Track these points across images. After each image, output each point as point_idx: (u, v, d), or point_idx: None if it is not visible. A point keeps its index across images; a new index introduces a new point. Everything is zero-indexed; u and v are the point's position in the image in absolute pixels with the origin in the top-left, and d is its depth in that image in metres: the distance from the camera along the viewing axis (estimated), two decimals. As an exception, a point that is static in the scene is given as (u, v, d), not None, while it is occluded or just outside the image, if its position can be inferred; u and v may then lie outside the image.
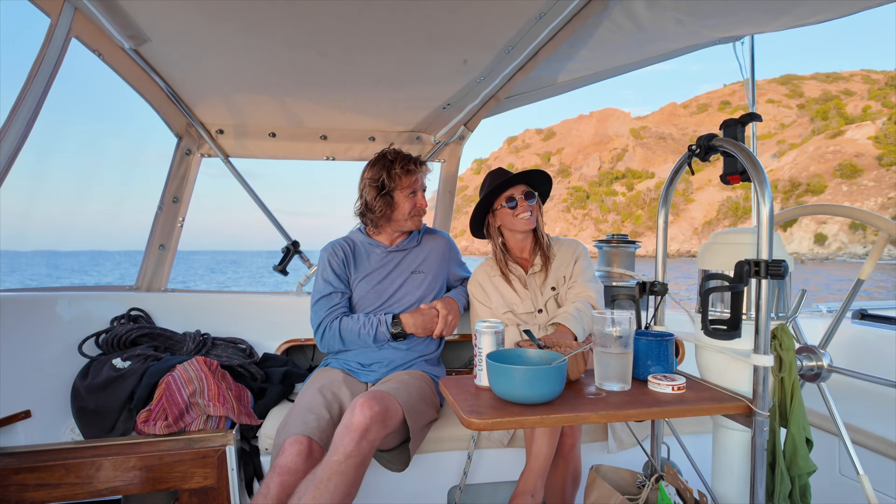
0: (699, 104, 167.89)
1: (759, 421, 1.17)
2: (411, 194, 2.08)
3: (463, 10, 1.65)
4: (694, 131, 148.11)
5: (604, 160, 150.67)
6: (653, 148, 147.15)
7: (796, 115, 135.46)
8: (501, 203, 2.04)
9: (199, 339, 2.32)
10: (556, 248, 2.12)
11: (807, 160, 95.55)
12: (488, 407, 1.17)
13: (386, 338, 2.01)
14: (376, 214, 2.07)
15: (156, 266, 2.58)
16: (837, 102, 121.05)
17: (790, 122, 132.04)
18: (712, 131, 1.36)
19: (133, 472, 1.68)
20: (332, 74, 2.10)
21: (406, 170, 2.05)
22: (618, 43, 2.06)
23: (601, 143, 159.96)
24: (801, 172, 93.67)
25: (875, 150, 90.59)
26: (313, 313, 2.06)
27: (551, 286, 2.05)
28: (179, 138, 2.54)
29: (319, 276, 2.11)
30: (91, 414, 1.95)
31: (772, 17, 1.95)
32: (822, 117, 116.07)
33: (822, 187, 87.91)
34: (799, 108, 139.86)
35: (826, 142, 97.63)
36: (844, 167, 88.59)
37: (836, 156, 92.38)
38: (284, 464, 1.58)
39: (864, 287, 1.63)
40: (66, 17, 1.69)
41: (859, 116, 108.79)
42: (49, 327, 2.14)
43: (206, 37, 1.82)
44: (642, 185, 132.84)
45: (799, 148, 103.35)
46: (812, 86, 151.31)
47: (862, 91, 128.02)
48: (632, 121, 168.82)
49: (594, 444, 2.07)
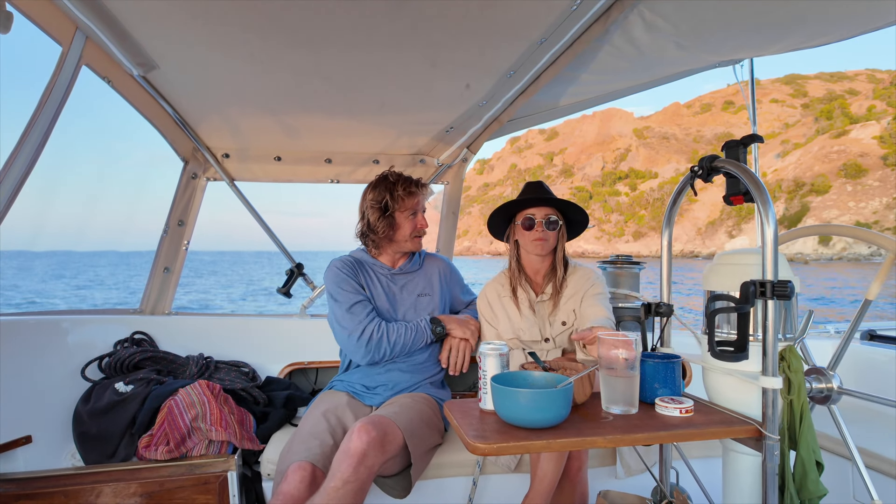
0: (702, 104, 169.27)
1: (770, 445, 1.15)
2: (412, 215, 2.09)
3: (465, 35, 1.68)
4: (697, 131, 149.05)
5: (607, 160, 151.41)
6: (656, 148, 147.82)
7: (800, 115, 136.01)
8: (521, 219, 1.97)
9: (202, 362, 2.31)
10: (570, 276, 2.03)
11: (811, 160, 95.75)
12: (493, 431, 1.16)
13: (426, 334, 2.02)
14: (379, 235, 2.08)
15: (160, 289, 2.58)
16: (842, 102, 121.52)
17: (794, 121, 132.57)
18: (716, 131, 1.36)
19: (133, 499, 1.65)
20: (336, 99, 2.13)
21: (408, 191, 2.06)
22: (618, 67, 2.09)
23: (604, 143, 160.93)
24: (805, 172, 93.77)
25: (880, 150, 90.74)
26: (349, 319, 1.96)
27: (562, 321, 1.98)
28: (186, 162, 2.57)
29: (339, 287, 2.02)
30: (93, 439, 1.93)
31: (771, 42, 1.97)
32: (827, 117, 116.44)
33: (827, 187, 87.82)
34: (803, 108, 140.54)
35: (830, 141, 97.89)
36: (849, 167, 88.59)
37: (841, 155, 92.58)
38: (287, 490, 1.56)
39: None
40: (78, 45, 1.73)
41: (864, 116, 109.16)
42: (52, 351, 2.13)
43: (213, 63, 1.86)
44: (645, 186, 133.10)
45: (803, 148, 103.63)
46: (816, 85, 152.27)
47: (867, 90, 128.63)
48: (635, 121, 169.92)
49: (602, 469, 2.03)
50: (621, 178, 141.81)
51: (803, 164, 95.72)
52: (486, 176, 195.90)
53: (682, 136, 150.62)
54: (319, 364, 2.55)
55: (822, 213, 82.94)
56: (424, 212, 2.17)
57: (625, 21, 1.74)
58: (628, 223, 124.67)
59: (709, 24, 1.78)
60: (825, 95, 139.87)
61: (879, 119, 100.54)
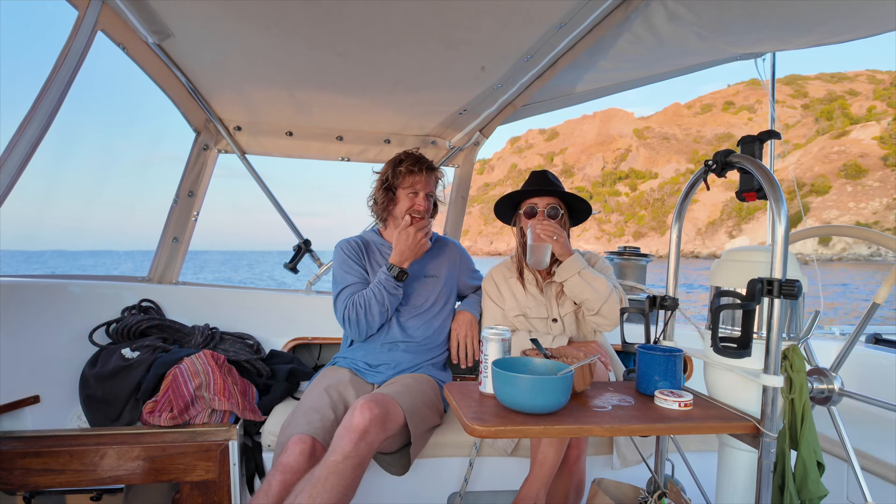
0: (703, 104, 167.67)
1: (767, 442, 1.15)
2: (412, 194, 2.10)
3: (483, 16, 1.65)
4: (697, 131, 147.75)
5: (607, 160, 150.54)
6: (656, 148, 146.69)
7: (801, 116, 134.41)
8: (525, 207, 2.06)
9: (208, 332, 2.34)
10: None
11: (811, 160, 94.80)
12: (492, 414, 1.17)
13: (392, 284, 1.98)
14: (379, 206, 2.14)
15: (168, 258, 2.60)
16: (842, 102, 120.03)
17: (794, 122, 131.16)
18: (716, 131, 1.35)
19: (136, 462, 1.69)
20: (350, 75, 2.12)
21: (409, 169, 2.08)
22: (637, 55, 2.06)
23: (604, 143, 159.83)
24: (805, 173, 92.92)
25: (880, 151, 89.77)
26: (338, 302, 2.04)
27: (573, 300, 2.04)
28: (197, 133, 2.57)
29: (339, 268, 2.10)
30: (98, 402, 1.97)
31: (794, 36, 1.93)
32: (827, 117, 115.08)
33: (827, 188, 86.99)
34: (803, 109, 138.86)
35: (831, 142, 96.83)
36: (849, 167, 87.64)
37: (841, 156, 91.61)
38: (287, 462, 1.59)
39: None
40: (94, 10, 1.72)
41: (864, 117, 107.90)
42: (61, 314, 2.16)
43: (229, 34, 1.85)
44: (645, 186, 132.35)
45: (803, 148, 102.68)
46: (817, 86, 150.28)
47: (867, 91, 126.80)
48: (635, 121, 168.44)
49: (598, 458, 2.05)
50: (621, 179, 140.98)
51: (803, 165, 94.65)
52: (487, 176, 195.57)
53: (682, 137, 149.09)
54: (323, 340, 2.58)
55: (823, 213, 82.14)
56: (431, 198, 2.14)
57: (646, 9, 1.71)
58: (628, 223, 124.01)
59: (732, 16, 1.74)
60: (825, 96, 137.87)
61: (880, 120, 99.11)
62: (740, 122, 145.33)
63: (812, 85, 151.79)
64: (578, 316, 2.05)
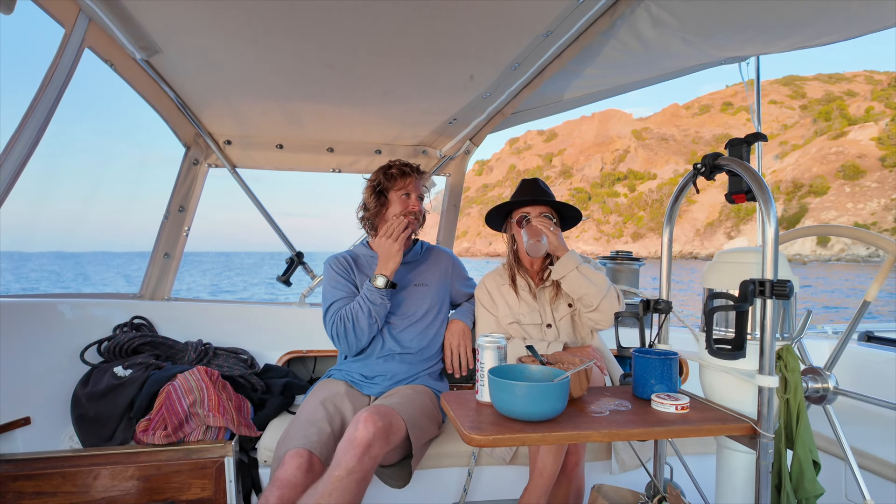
0: (701, 105, 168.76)
1: (764, 443, 1.16)
2: (404, 196, 2.11)
3: (471, 26, 1.67)
4: (696, 132, 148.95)
5: (605, 161, 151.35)
6: (655, 149, 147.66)
7: (799, 116, 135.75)
8: (516, 216, 2.08)
9: (201, 348, 2.32)
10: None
11: (809, 161, 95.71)
12: (489, 423, 1.16)
13: (377, 294, 1.95)
14: (371, 212, 2.13)
15: (160, 274, 2.59)
16: (840, 103, 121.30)
17: (793, 123, 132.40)
18: (714, 132, 1.37)
19: (130, 482, 1.67)
20: (339, 87, 2.12)
21: (401, 171, 2.11)
22: (624, 61, 2.08)
23: (603, 144, 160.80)
24: (803, 174, 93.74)
25: (878, 152, 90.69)
26: (327, 320, 2.01)
27: (568, 303, 2.05)
28: (187, 148, 2.56)
29: (327, 285, 2.10)
30: (91, 422, 1.94)
31: (778, 38, 1.96)
32: (825, 118, 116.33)
33: (825, 188, 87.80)
34: (801, 109, 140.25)
35: (829, 143, 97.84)
36: (847, 168, 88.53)
37: (839, 157, 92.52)
38: (284, 477, 1.57)
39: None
40: (81, 27, 1.72)
41: (862, 117, 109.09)
42: (51, 334, 2.14)
43: (217, 48, 1.85)
44: (644, 187, 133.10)
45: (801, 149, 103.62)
46: (815, 87, 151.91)
47: (865, 92, 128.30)
48: (633, 122, 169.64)
49: (597, 464, 2.04)
50: (620, 180, 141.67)
51: (801, 166, 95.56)
52: (486, 177, 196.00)
53: (680, 138, 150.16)
54: (318, 353, 2.56)
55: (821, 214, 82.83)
56: (422, 200, 2.17)
57: (631, 16, 1.73)
58: (627, 224, 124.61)
59: (715, 20, 1.76)
60: (823, 97, 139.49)
61: (878, 120, 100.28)
62: (738, 123, 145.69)
63: (810, 85, 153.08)
64: (574, 318, 2.06)
